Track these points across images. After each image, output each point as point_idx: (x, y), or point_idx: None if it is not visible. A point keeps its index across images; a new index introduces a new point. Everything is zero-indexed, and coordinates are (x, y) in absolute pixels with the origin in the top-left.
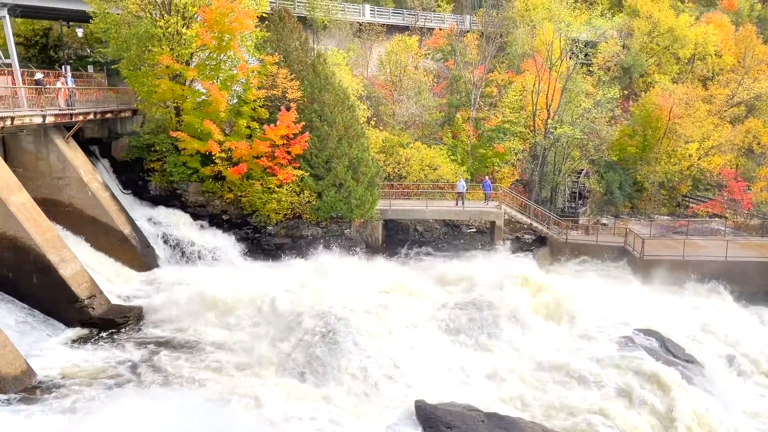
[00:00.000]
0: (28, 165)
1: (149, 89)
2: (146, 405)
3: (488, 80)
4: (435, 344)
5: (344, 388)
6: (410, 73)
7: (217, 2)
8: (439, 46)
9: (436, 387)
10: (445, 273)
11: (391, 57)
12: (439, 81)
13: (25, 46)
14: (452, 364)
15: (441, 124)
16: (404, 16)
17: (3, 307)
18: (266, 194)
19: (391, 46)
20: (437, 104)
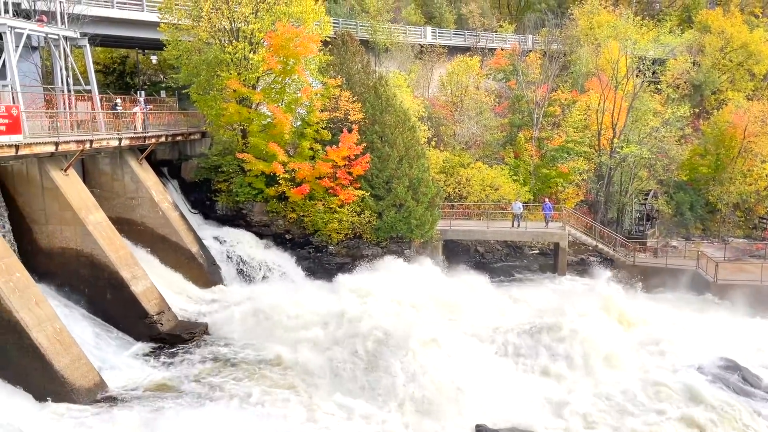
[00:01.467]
0: (104, 185)
1: (217, 112)
2: (210, 419)
3: (551, 99)
4: (498, 367)
5: (404, 409)
6: (471, 94)
7: (282, 28)
8: (501, 66)
9: (498, 411)
10: (507, 295)
11: (452, 78)
12: (501, 101)
13: (104, 73)
14: (516, 388)
15: (503, 144)
16: (465, 37)
17: (79, 320)
18: (328, 214)
19: (452, 67)
20: (499, 124)
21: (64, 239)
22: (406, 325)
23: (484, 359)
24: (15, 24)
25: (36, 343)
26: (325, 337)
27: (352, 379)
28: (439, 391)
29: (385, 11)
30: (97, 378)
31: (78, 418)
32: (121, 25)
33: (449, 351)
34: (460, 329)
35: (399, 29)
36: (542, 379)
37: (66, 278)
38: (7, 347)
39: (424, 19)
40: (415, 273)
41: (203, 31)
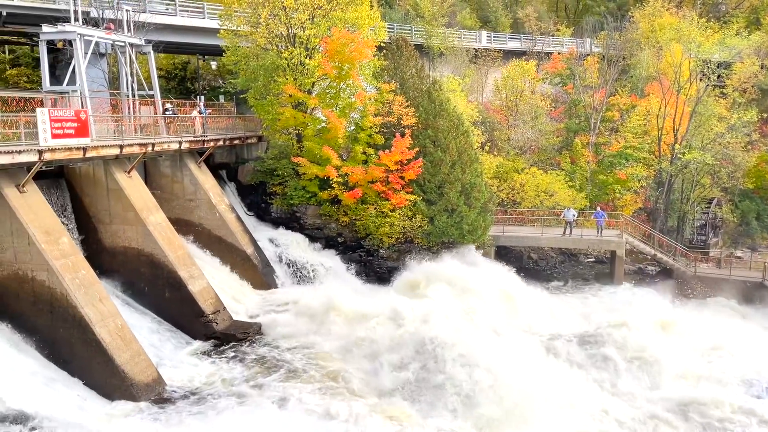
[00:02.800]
0: (164, 187)
1: (274, 117)
2: (262, 419)
3: (609, 104)
4: (553, 377)
5: (456, 417)
6: (527, 98)
7: (338, 33)
8: (558, 70)
9: (554, 423)
10: (561, 302)
11: (507, 82)
12: (557, 105)
13: (166, 79)
14: (571, 399)
15: (558, 150)
16: (521, 41)
17: (139, 318)
18: (379, 218)
19: (507, 71)
20: (554, 129)
21: (127, 239)
22: (461, 330)
23: (537, 368)
24: (84, 32)
25: (99, 338)
26: (377, 341)
27: (404, 384)
28: (491, 400)
29: (440, 16)
30: (155, 374)
31: (137, 412)
32: (183, 32)
33: (502, 359)
34: (513, 336)
35: (454, 33)
36: (599, 391)
37: (127, 276)
38: (72, 341)
39: (479, 23)
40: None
41: (261, 37)
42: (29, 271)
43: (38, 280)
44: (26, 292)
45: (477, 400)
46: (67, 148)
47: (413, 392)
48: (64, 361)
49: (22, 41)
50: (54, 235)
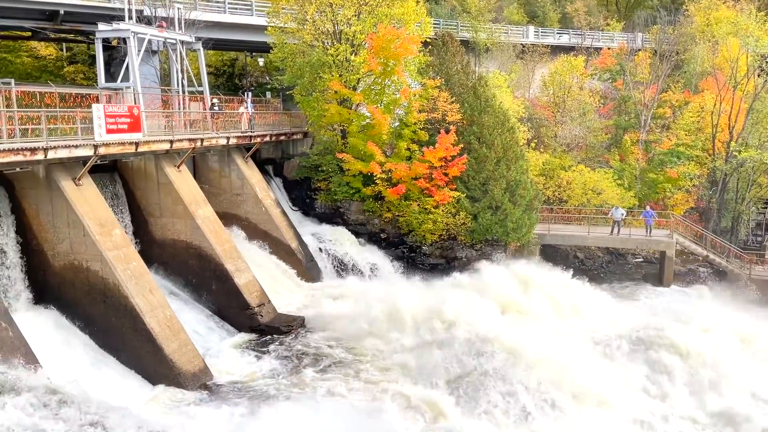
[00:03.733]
0: (212, 182)
1: (319, 113)
2: (306, 410)
3: (661, 100)
4: (597, 378)
5: (495, 417)
6: (575, 94)
7: (383, 29)
8: (607, 65)
9: (590, 423)
10: (608, 302)
11: (554, 78)
12: (606, 102)
13: (215, 75)
14: (614, 401)
15: (607, 147)
16: (570, 36)
17: (187, 309)
18: (422, 215)
19: (555, 67)
20: (603, 126)
21: (176, 231)
22: (506, 329)
23: (582, 368)
24: (138, 30)
25: (149, 328)
26: (423, 336)
27: (449, 380)
28: (536, 401)
29: (486, 11)
30: (202, 364)
31: (183, 401)
32: (232, 29)
33: (547, 359)
34: (559, 333)
35: (500, 29)
36: (641, 394)
37: (176, 268)
38: (123, 330)
39: (527, 18)
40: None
41: (307, 33)
42: (84, 261)
43: (92, 270)
44: (81, 282)
45: (518, 403)
46: (120, 142)
47: (459, 389)
48: (116, 349)
49: (79, 39)
50: (107, 227)
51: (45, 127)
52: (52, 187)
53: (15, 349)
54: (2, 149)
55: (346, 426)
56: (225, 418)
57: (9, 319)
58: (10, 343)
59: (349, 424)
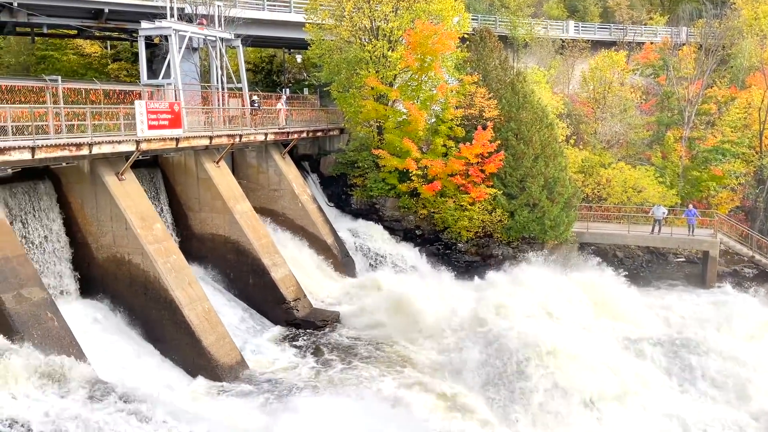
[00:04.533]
0: (250, 177)
1: (356, 109)
2: (339, 404)
3: (706, 96)
4: (632, 380)
5: (529, 417)
6: (615, 90)
7: (421, 25)
8: (650, 60)
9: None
10: (647, 303)
11: (595, 73)
12: (648, 98)
13: (254, 72)
14: (651, 404)
15: (648, 144)
16: (611, 31)
17: (225, 303)
18: (458, 211)
19: (595, 63)
20: (645, 122)
21: (214, 226)
22: (543, 329)
23: (619, 370)
24: (179, 27)
25: (187, 320)
26: (457, 334)
27: (483, 380)
28: (571, 403)
29: (525, 6)
30: (239, 357)
31: (220, 392)
32: (270, 26)
33: (583, 359)
34: (595, 334)
35: (540, 24)
36: (677, 396)
37: (214, 262)
38: (163, 322)
39: (567, 13)
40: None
41: (345, 30)
42: (126, 254)
43: (134, 263)
44: (123, 274)
45: (552, 403)
46: (161, 138)
47: (493, 388)
48: (156, 340)
49: (123, 37)
50: (148, 221)
51: (90, 123)
52: (97, 181)
53: (60, 339)
54: (50, 144)
55: (376, 422)
56: (260, 410)
57: (55, 310)
58: (55, 333)
59: (380, 420)
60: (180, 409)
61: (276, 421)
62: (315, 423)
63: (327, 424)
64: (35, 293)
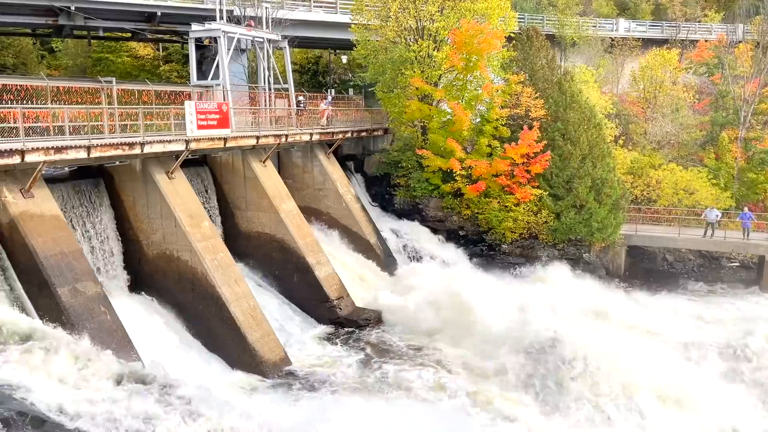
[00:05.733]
0: (296, 177)
1: (400, 110)
2: (380, 404)
3: (763, 96)
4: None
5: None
6: (667, 89)
7: (467, 25)
8: (703, 59)
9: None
10: (698, 309)
11: (645, 72)
12: (702, 97)
13: (300, 73)
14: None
15: (701, 145)
16: (663, 29)
17: (269, 299)
18: (503, 212)
19: (646, 61)
20: (698, 122)
21: (260, 224)
22: (588, 332)
23: (668, 374)
24: (228, 29)
25: (233, 317)
26: (500, 334)
27: (527, 381)
28: (618, 406)
29: (573, 4)
30: (283, 353)
31: (265, 388)
32: (317, 27)
33: (632, 363)
34: (644, 338)
35: (588, 22)
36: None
37: (259, 260)
38: (210, 318)
39: (617, 10)
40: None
41: (390, 30)
42: (175, 251)
43: (182, 260)
44: (172, 270)
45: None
46: (210, 138)
47: (538, 391)
48: (202, 335)
49: (174, 39)
50: (197, 219)
51: (142, 123)
52: (148, 180)
53: (112, 333)
54: (104, 144)
55: (417, 422)
56: (302, 406)
57: (107, 304)
58: (108, 327)
59: (421, 420)
60: (225, 404)
61: (318, 417)
62: (357, 421)
63: (369, 422)
64: (89, 287)
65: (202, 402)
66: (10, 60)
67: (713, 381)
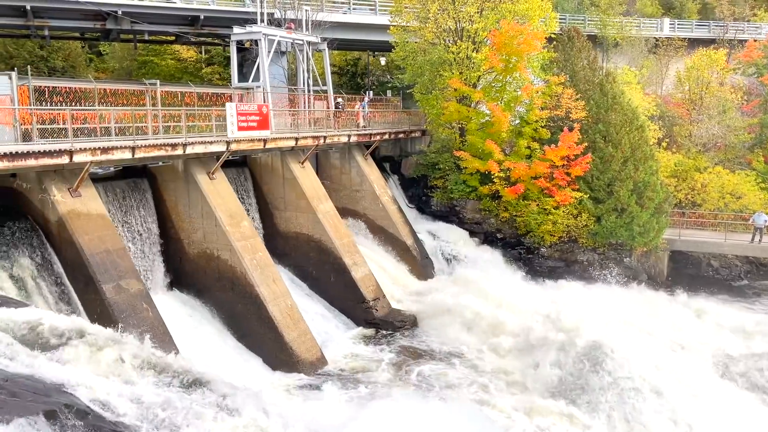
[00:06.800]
0: (333, 178)
1: (438, 111)
2: (414, 406)
3: None
4: (725, 399)
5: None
6: (714, 90)
7: (506, 26)
8: (752, 59)
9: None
10: (746, 318)
11: (691, 73)
12: (750, 98)
13: (338, 75)
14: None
15: (750, 147)
16: (710, 28)
17: (306, 299)
18: (542, 215)
19: (692, 62)
20: (746, 125)
21: (298, 225)
22: (626, 342)
23: (710, 389)
24: (268, 32)
25: (271, 316)
26: (536, 340)
27: (563, 386)
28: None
29: (617, 4)
30: (319, 353)
31: (301, 387)
32: (356, 29)
33: (670, 373)
34: (685, 351)
35: (632, 22)
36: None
37: (297, 260)
38: (248, 316)
39: (662, 10)
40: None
41: (429, 32)
42: (215, 250)
43: (222, 259)
44: (212, 269)
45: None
46: (250, 139)
47: (573, 395)
48: (241, 333)
49: (216, 42)
50: (236, 219)
51: (185, 124)
52: (189, 180)
53: (154, 329)
54: (148, 144)
55: (453, 425)
56: (339, 406)
57: (150, 301)
58: (150, 324)
59: (457, 423)
60: (263, 402)
61: (355, 418)
62: (393, 422)
63: (405, 424)
64: (133, 285)
65: (239, 399)
66: (60, 63)
67: (759, 395)
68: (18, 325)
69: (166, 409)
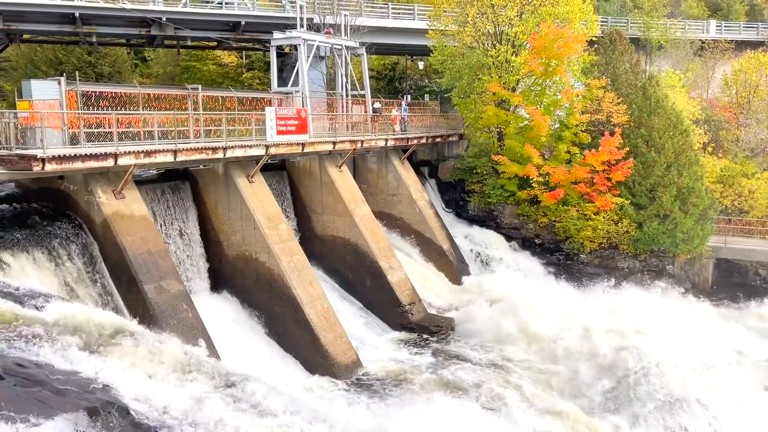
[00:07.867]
0: (370, 182)
1: (476, 115)
2: (452, 410)
3: None
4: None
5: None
6: (762, 94)
7: (546, 29)
8: None
9: None
10: None
11: (739, 76)
12: None
13: (376, 79)
14: None
15: None
16: (759, 30)
17: (342, 302)
18: (581, 221)
19: (739, 64)
20: None
21: (335, 228)
22: (663, 349)
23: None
24: (307, 37)
25: (308, 318)
26: (573, 348)
27: (598, 396)
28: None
29: (661, 6)
30: (354, 356)
31: (336, 390)
32: (394, 33)
33: (710, 381)
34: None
35: (677, 24)
36: None
37: (333, 263)
38: (285, 318)
39: (708, 11)
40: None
41: (468, 35)
42: (254, 252)
43: (260, 261)
44: (250, 271)
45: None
46: (288, 143)
47: (617, 407)
48: (278, 335)
49: (257, 47)
50: (275, 222)
51: (225, 128)
52: (229, 183)
53: (193, 329)
54: (190, 148)
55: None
56: (374, 410)
57: (189, 302)
58: (189, 324)
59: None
60: (298, 404)
61: (389, 422)
62: (429, 427)
63: (440, 428)
64: (173, 285)
65: (276, 402)
66: (107, 69)
67: None
68: (65, 322)
69: (203, 409)
